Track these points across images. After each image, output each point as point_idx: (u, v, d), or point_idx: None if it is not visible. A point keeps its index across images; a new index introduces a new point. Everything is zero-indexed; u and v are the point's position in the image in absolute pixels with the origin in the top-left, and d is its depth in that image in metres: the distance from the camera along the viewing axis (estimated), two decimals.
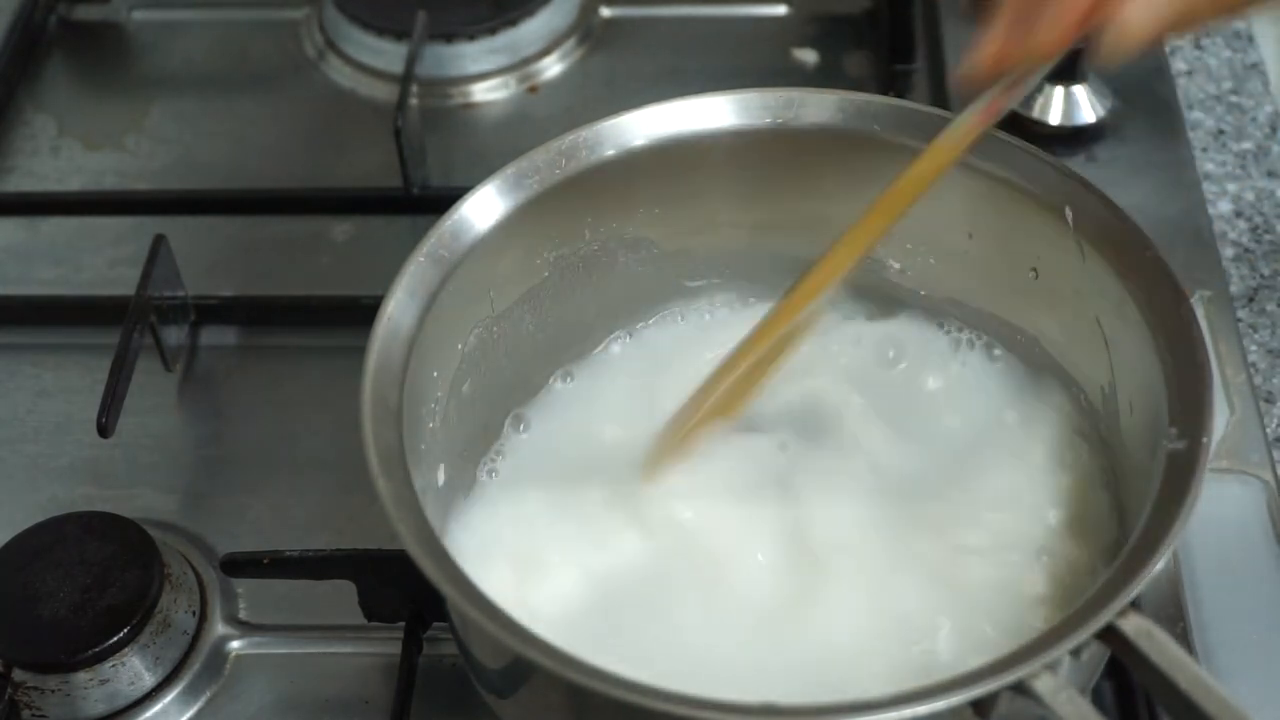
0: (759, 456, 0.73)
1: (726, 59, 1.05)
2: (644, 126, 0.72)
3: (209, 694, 0.75)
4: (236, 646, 0.76)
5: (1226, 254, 0.92)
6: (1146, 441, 0.63)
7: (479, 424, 0.73)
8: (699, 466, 0.72)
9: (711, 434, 0.72)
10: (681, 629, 0.67)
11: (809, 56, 1.06)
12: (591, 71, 1.06)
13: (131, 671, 0.73)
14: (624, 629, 0.67)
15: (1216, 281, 0.88)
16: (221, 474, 0.84)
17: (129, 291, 0.84)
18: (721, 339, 0.75)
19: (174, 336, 0.87)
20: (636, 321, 0.78)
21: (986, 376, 0.75)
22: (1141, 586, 0.55)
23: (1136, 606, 0.55)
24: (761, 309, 0.77)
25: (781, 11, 1.09)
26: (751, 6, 1.09)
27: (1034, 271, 0.71)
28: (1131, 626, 0.55)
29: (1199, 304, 0.86)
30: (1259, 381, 0.85)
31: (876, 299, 0.77)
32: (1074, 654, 0.54)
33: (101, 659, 0.72)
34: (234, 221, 0.96)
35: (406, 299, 0.66)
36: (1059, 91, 0.94)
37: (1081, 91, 0.95)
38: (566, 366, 0.77)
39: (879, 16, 1.05)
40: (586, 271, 0.75)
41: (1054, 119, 0.94)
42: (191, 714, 0.74)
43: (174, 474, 0.84)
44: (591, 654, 0.56)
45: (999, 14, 0.63)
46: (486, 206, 0.69)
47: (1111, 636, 0.55)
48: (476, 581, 0.58)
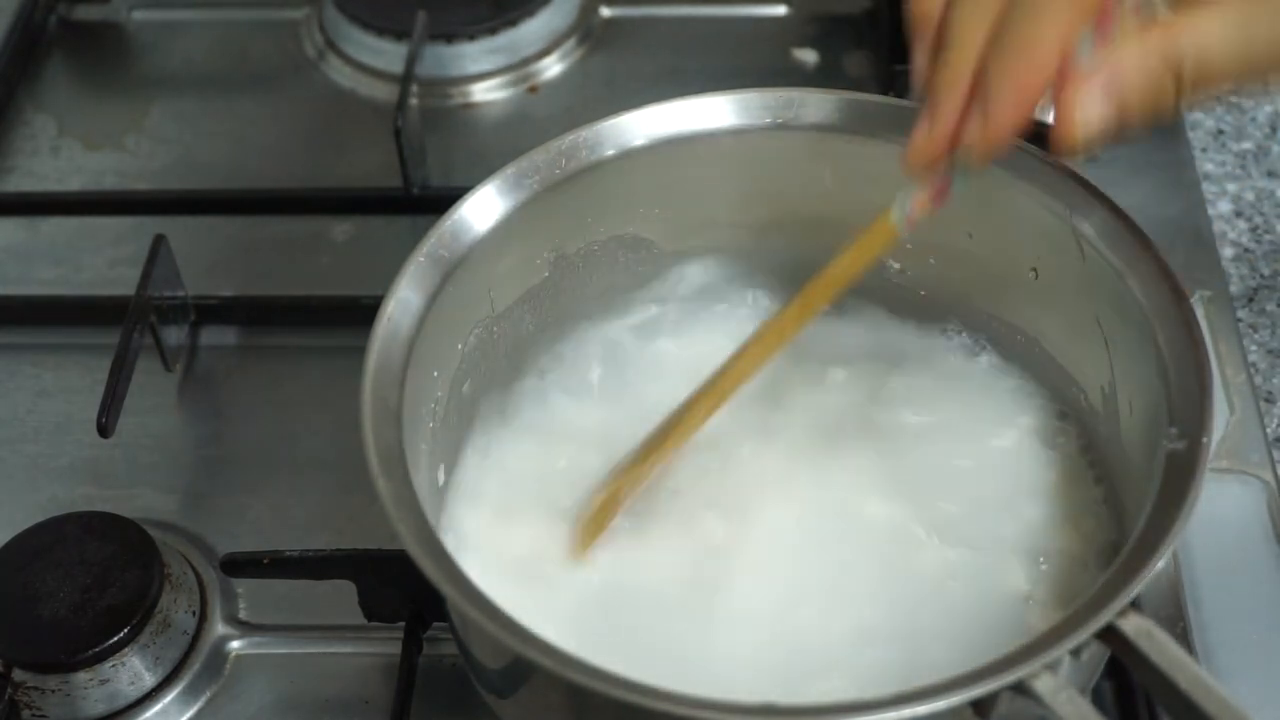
0: (745, 458, 0.73)
1: (726, 59, 1.05)
2: (644, 126, 0.72)
3: (209, 694, 0.75)
4: (236, 646, 0.76)
5: (1226, 254, 0.92)
6: (1146, 441, 0.63)
7: (476, 423, 0.73)
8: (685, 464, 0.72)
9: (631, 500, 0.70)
10: (679, 627, 0.67)
11: (809, 56, 1.06)
12: (592, 71, 1.06)
13: (131, 671, 0.73)
14: (623, 629, 0.67)
15: (1216, 281, 0.88)
16: (221, 474, 0.84)
17: (129, 291, 0.84)
18: (721, 338, 0.75)
19: (174, 336, 0.87)
20: (636, 321, 0.78)
21: (978, 376, 0.75)
22: (1141, 586, 0.55)
23: (1136, 606, 0.55)
24: (759, 309, 0.78)
25: (781, 11, 1.09)
26: (751, 6, 1.09)
27: (1034, 271, 0.71)
28: (1131, 626, 0.55)
29: (1199, 304, 0.86)
30: (1259, 381, 0.85)
31: (875, 299, 0.77)
32: (1074, 654, 0.54)
33: (101, 659, 0.72)
34: (234, 221, 0.96)
35: (406, 299, 0.65)
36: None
37: None
38: (566, 365, 0.76)
39: (879, 16, 1.05)
40: (587, 271, 0.75)
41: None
42: (191, 714, 0.74)
43: (174, 474, 0.84)
44: (591, 653, 0.56)
45: (940, 94, 0.60)
46: (486, 206, 0.69)
47: (1111, 636, 0.55)
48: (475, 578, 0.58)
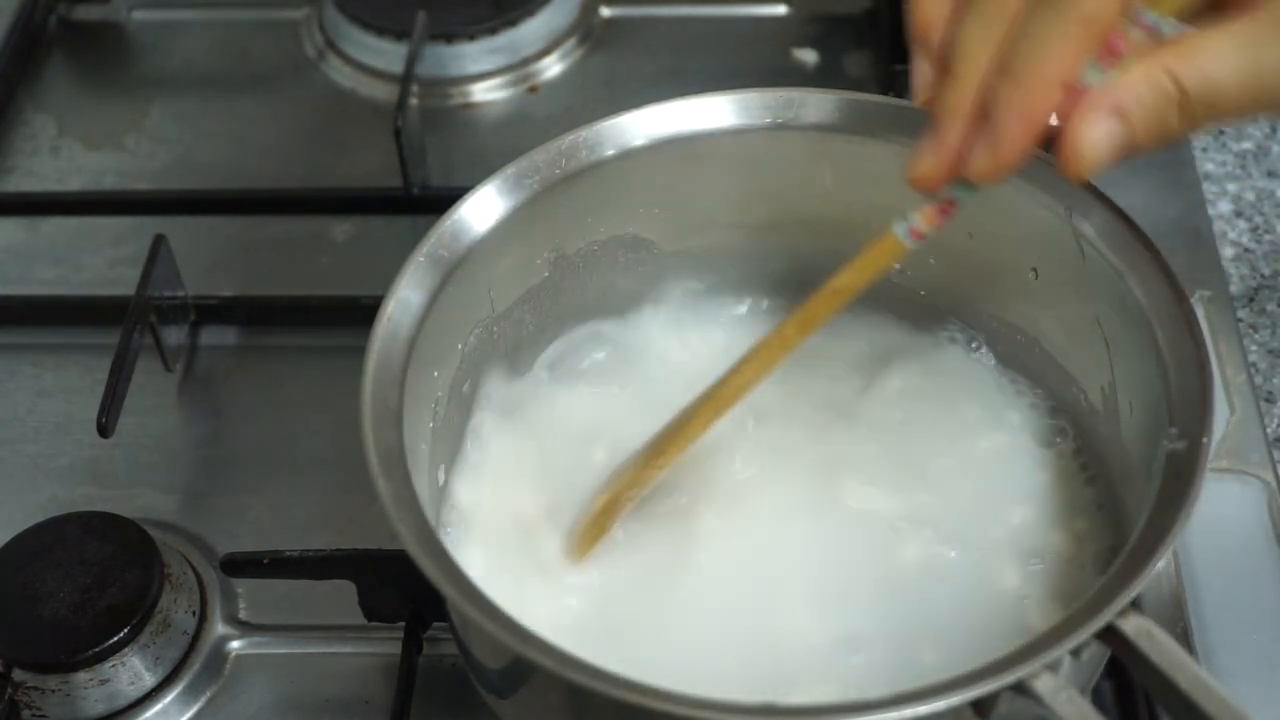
0: (739, 456, 0.73)
1: (727, 59, 1.05)
2: (643, 126, 0.72)
3: (209, 694, 0.75)
4: (236, 646, 0.76)
5: (1226, 254, 0.92)
6: (1146, 441, 0.62)
7: (476, 423, 0.73)
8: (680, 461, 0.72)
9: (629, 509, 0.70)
10: (678, 625, 0.67)
11: (809, 56, 1.06)
12: (592, 71, 1.06)
13: (131, 671, 0.73)
14: (621, 628, 0.67)
15: (1216, 281, 0.88)
16: (221, 474, 0.84)
17: (129, 291, 0.84)
18: (721, 338, 0.76)
19: (174, 336, 0.87)
20: (634, 320, 0.78)
21: (977, 375, 0.75)
22: (1142, 587, 0.55)
23: (1136, 607, 0.55)
24: (759, 308, 0.78)
25: (781, 11, 1.09)
26: (751, 6, 1.09)
27: (1034, 271, 0.71)
28: (1132, 626, 0.54)
29: (1199, 304, 0.86)
30: (1259, 381, 0.85)
31: (874, 298, 0.77)
32: (1074, 654, 0.54)
33: (101, 659, 0.72)
34: (234, 221, 0.96)
35: (406, 299, 0.65)
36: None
37: None
38: (566, 364, 0.77)
39: (879, 16, 1.05)
40: (587, 271, 0.75)
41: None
42: (191, 714, 0.74)
43: (174, 474, 0.84)
44: (590, 653, 0.56)
45: (944, 116, 0.58)
46: (486, 207, 0.69)
47: (1111, 636, 0.55)
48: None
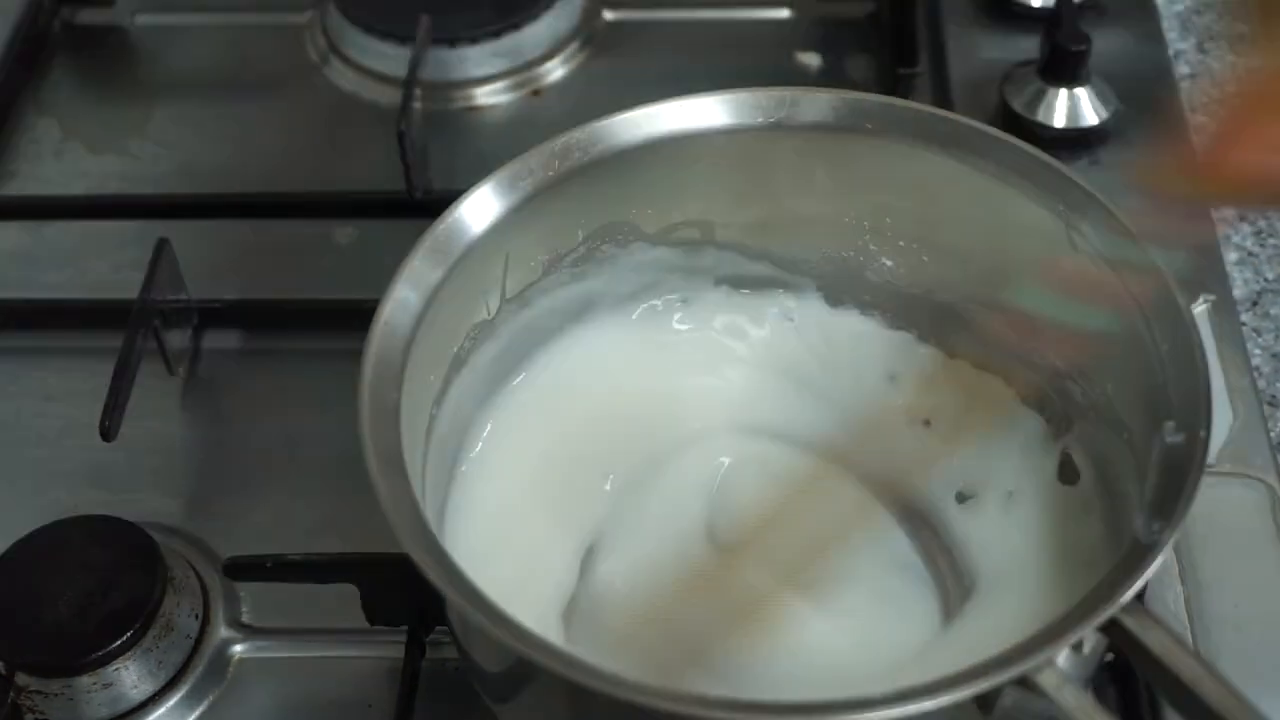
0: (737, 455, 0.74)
1: (729, 62, 1.05)
2: (637, 127, 0.72)
3: (212, 698, 0.75)
4: (240, 650, 0.76)
5: (1230, 258, 0.92)
6: (1144, 436, 0.62)
7: (475, 423, 0.74)
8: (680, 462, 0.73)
9: None
10: (678, 625, 0.67)
11: (812, 60, 1.05)
12: (595, 75, 1.06)
13: (134, 675, 0.73)
14: (621, 627, 0.67)
15: (1220, 286, 0.88)
16: (225, 477, 0.84)
17: (132, 295, 0.84)
18: (716, 337, 0.76)
19: (177, 340, 0.87)
20: (632, 319, 0.78)
21: (973, 373, 0.76)
22: (1144, 579, 0.55)
23: (1140, 603, 0.55)
24: (754, 308, 0.78)
25: (784, 15, 1.09)
26: (754, 10, 1.09)
27: (1030, 269, 0.71)
28: (1134, 620, 0.55)
29: (1202, 308, 0.86)
30: (1263, 385, 0.85)
31: (870, 297, 0.77)
32: (1076, 648, 0.54)
33: (104, 663, 0.72)
34: (237, 225, 0.96)
35: (404, 300, 0.65)
36: (1062, 94, 0.94)
37: (1085, 94, 0.95)
38: (564, 363, 0.77)
39: (882, 20, 1.05)
40: (581, 271, 0.75)
41: (1058, 122, 0.94)
42: (194, 717, 0.74)
43: (177, 478, 0.84)
44: (590, 653, 0.56)
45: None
46: (481, 208, 0.69)
47: (1114, 630, 0.55)
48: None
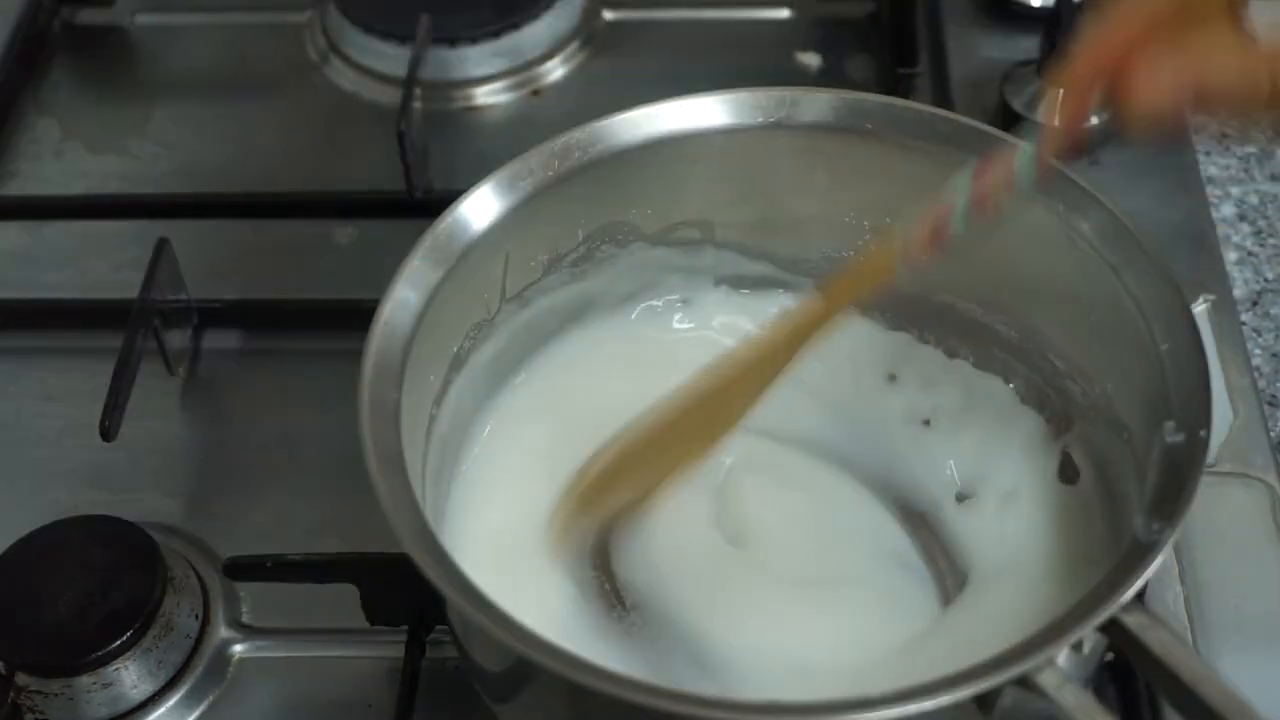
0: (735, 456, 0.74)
1: (729, 62, 1.05)
2: (636, 127, 0.72)
3: (212, 697, 0.75)
4: (239, 650, 0.76)
5: (1230, 258, 0.92)
6: (1145, 436, 0.63)
7: (475, 423, 0.74)
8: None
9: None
10: (679, 624, 0.67)
11: (812, 60, 1.05)
12: (594, 75, 1.06)
13: (134, 675, 0.73)
14: (621, 627, 0.67)
15: (1220, 285, 0.88)
16: (225, 477, 0.84)
17: (132, 295, 0.84)
18: (716, 336, 0.76)
19: (177, 340, 0.87)
20: (631, 318, 0.78)
21: (972, 373, 0.76)
22: (1144, 579, 0.55)
23: (1139, 600, 0.55)
24: (752, 307, 0.78)
25: (784, 15, 1.09)
26: (754, 10, 1.09)
27: (1029, 269, 0.71)
28: (1134, 620, 0.55)
29: (1203, 307, 0.86)
30: (1263, 385, 0.85)
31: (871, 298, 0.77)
32: (1076, 648, 0.54)
33: (104, 663, 0.72)
34: (237, 225, 0.96)
35: (403, 300, 0.66)
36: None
37: None
38: (564, 363, 0.77)
39: (882, 20, 1.05)
40: (581, 271, 0.75)
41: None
42: (194, 717, 0.74)
43: (177, 478, 0.84)
44: (590, 652, 0.56)
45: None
46: (481, 208, 0.69)
47: (1115, 629, 0.55)
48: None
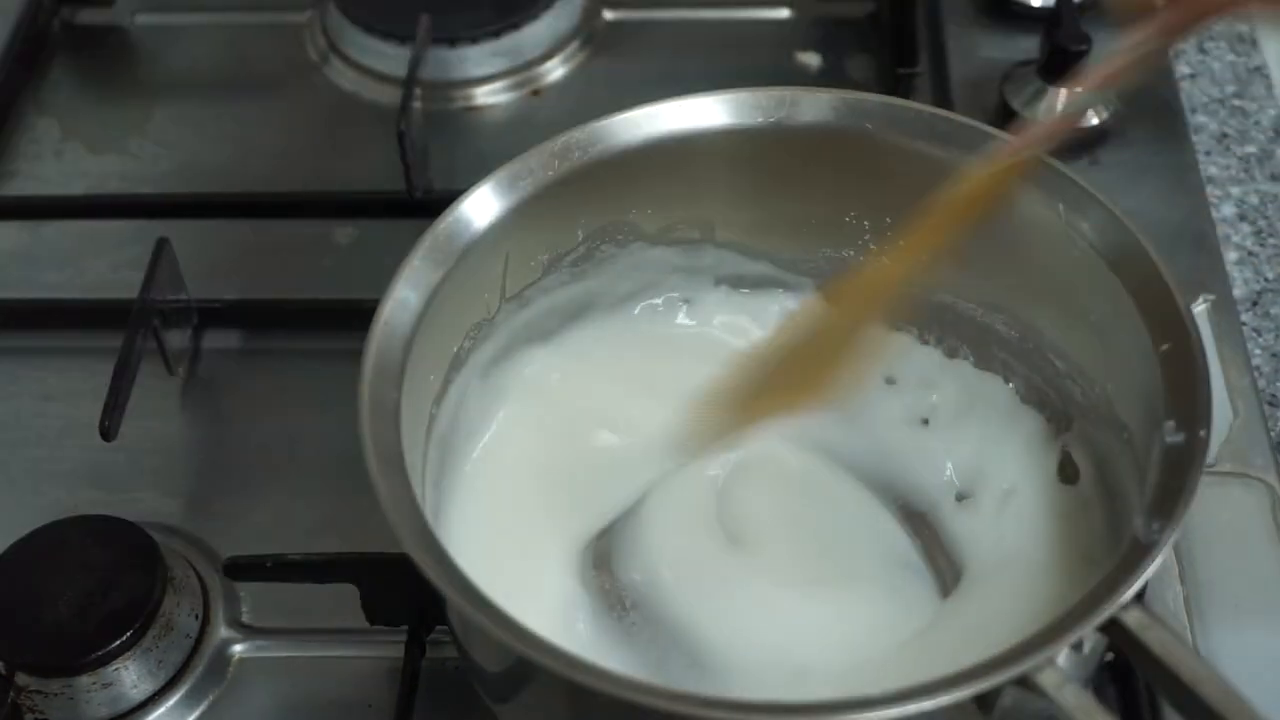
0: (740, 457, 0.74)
1: (729, 62, 1.05)
2: (636, 127, 0.72)
3: (212, 697, 0.75)
4: (239, 650, 0.76)
5: (1230, 258, 0.92)
6: (1144, 435, 0.63)
7: (475, 423, 0.74)
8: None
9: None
10: (680, 624, 0.67)
11: (812, 60, 1.05)
12: (594, 75, 1.06)
13: (134, 675, 0.73)
14: (621, 627, 0.67)
15: (1220, 285, 0.88)
16: (225, 477, 0.84)
17: (132, 295, 0.84)
18: (718, 334, 0.76)
19: (177, 340, 0.87)
20: (630, 319, 0.78)
21: (972, 372, 0.76)
22: (1144, 579, 0.55)
23: (1139, 600, 0.55)
24: (753, 306, 0.78)
25: (784, 15, 1.09)
26: (754, 10, 1.09)
27: (1029, 268, 0.71)
28: (1134, 619, 0.55)
29: (1203, 307, 0.86)
30: (1263, 385, 0.85)
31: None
32: (1076, 648, 0.54)
33: (104, 663, 0.72)
34: (237, 225, 0.96)
35: (403, 300, 0.66)
36: (1062, 93, 0.94)
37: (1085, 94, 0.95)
38: (564, 362, 0.77)
39: (882, 20, 1.05)
40: (580, 270, 0.75)
41: None
42: (194, 717, 0.74)
43: (177, 477, 0.84)
44: (590, 652, 0.56)
45: None
46: (481, 208, 0.69)
47: (1114, 629, 0.55)
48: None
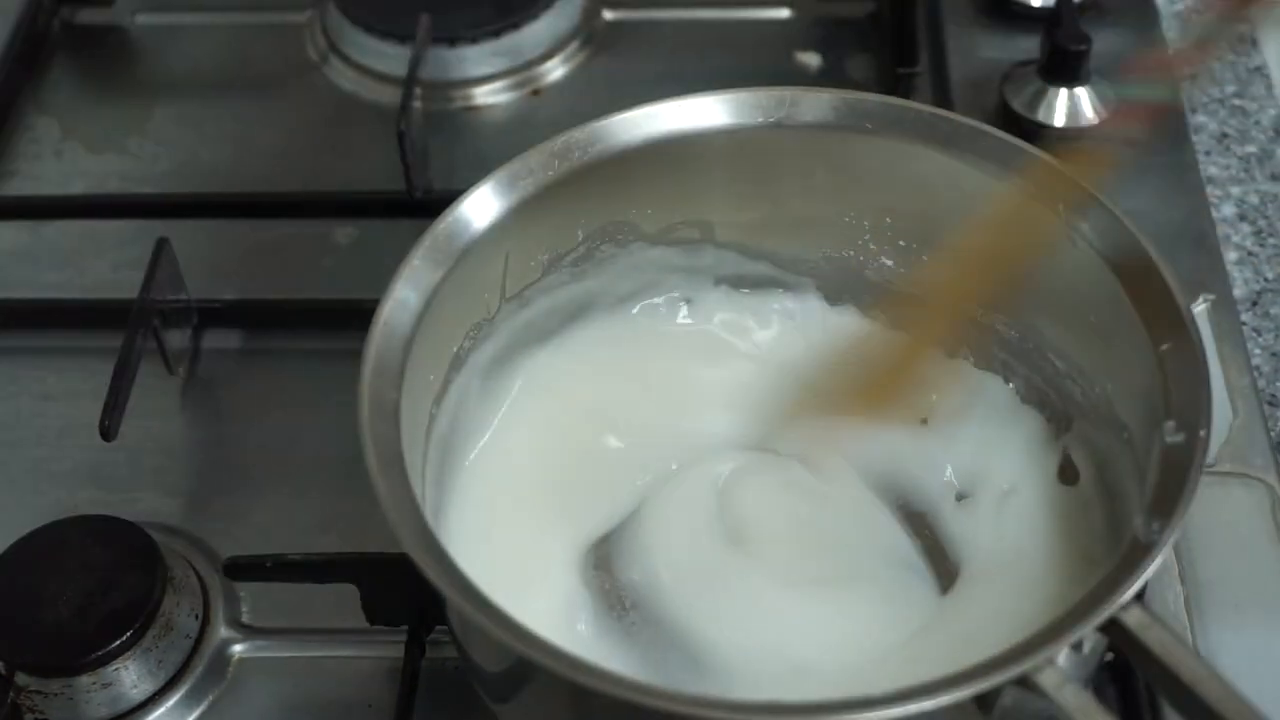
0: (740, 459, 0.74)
1: (729, 62, 1.05)
2: (636, 127, 0.72)
3: (212, 697, 0.75)
4: (239, 650, 0.76)
5: (1230, 258, 0.92)
6: (1144, 436, 0.63)
7: (475, 423, 0.73)
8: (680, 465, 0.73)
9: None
10: (681, 625, 0.67)
11: (812, 60, 1.05)
12: (594, 74, 1.06)
13: (134, 675, 0.73)
14: (621, 627, 0.67)
15: (1220, 285, 0.88)
16: (225, 477, 0.84)
17: (132, 295, 0.84)
18: (718, 333, 0.76)
19: (177, 340, 0.87)
20: (630, 319, 0.78)
21: (972, 373, 0.76)
22: (1144, 579, 0.55)
23: (1139, 600, 0.55)
24: (754, 306, 0.78)
25: (785, 15, 1.09)
26: (754, 10, 1.09)
27: (1029, 268, 0.71)
28: (1134, 619, 0.55)
29: (1203, 307, 0.86)
30: (1263, 385, 0.85)
31: (866, 296, 0.77)
32: (1076, 648, 0.54)
33: (104, 663, 0.72)
34: (237, 225, 0.96)
35: (403, 300, 0.65)
36: (1062, 94, 0.94)
37: (1084, 94, 0.95)
38: (564, 362, 0.76)
39: (882, 20, 1.05)
40: (580, 270, 0.75)
41: (1058, 121, 0.94)
42: (194, 717, 0.74)
43: (177, 477, 0.84)
44: (590, 652, 0.56)
45: None
46: (481, 208, 0.69)
47: (1114, 629, 0.55)
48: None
